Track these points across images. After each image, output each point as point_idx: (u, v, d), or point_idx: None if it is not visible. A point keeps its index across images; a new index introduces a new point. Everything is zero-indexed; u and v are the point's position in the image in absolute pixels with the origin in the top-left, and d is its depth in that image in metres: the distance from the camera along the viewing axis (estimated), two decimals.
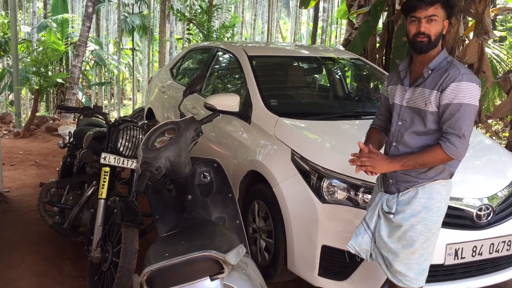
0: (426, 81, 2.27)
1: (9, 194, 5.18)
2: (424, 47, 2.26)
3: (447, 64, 2.26)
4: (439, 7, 2.23)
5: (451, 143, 2.17)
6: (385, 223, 2.37)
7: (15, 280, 3.41)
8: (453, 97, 2.17)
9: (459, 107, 2.16)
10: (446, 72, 2.22)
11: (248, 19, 31.42)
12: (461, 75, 2.18)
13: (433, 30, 2.23)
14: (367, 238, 2.42)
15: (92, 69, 22.51)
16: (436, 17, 2.23)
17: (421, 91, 2.28)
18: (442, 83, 2.20)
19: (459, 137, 2.17)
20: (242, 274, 1.99)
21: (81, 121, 4.52)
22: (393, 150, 2.39)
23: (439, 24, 2.24)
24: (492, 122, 9.20)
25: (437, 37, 2.26)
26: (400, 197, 2.34)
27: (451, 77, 2.19)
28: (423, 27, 2.23)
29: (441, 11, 2.24)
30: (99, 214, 3.18)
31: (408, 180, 2.33)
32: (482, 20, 5.67)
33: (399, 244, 2.32)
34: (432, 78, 2.26)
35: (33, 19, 17.68)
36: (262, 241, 3.42)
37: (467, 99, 2.16)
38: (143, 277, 1.82)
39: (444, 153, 2.18)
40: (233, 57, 4.48)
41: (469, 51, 5.92)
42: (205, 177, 2.67)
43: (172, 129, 2.56)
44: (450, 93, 2.18)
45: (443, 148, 2.17)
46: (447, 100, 2.18)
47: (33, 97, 9.74)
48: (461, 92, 2.16)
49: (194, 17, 11.65)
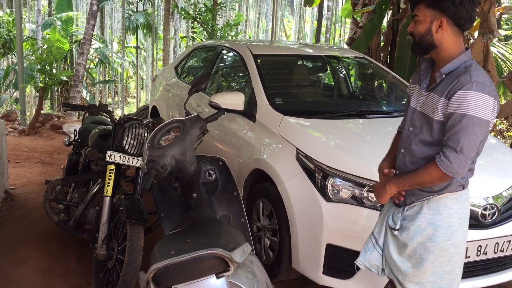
0: (438, 87, 2.07)
1: (14, 192, 5.21)
2: (414, 49, 2.17)
3: (464, 69, 2.02)
4: (422, 7, 2.08)
5: (446, 158, 1.96)
6: (392, 239, 2.23)
7: (21, 277, 3.43)
8: (457, 106, 1.95)
9: (461, 118, 1.94)
10: (457, 78, 2.00)
11: (252, 17, 31.40)
12: (470, 83, 1.94)
13: (416, 29, 2.11)
14: (376, 254, 2.29)
15: (96, 67, 22.56)
16: (417, 17, 2.09)
17: (432, 97, 2.09)
18: (450, 90, 1.99)
19: (455, 151, 1.95)
20: (248, 272, 2.00)
21: (86, 119, 4.54)
22: (400, 157, 2.24)
23: (422, 24, 2.07)
24: (496, 121, 9.18)
25: (422, 38, 2.09)
26: (405, 211, 2.19)
27: (460, 84, 1.97)
28: (410, 26, 2.15)
29: (426, 11, 2.06)
30: (104, 212, 3.19)
31: (413, 193, 2.17)
32: (487, 19, 5.65)
33: (409, 263, 2.17)
34: (444, 83, 2.05)
35: (38, 17, 17.72)
36: (267, 240, 3.43)
37: (472, 110, 1.92)
38: (150, 275, 1.82)
39: (439, 169, 1.98)
40: (238, 55, 4.48)
41: (474, 50, 5.91)
42: (210, 175, 2.68)
43: (177, 128, 2.56)
44: (455, 101, 1.96)
45: (437, 162, 1.98)
46: (451, 109, 1.97)
47: (38, 95, 9.77)
48: (466, 102, 1.93)
49: (198, 15, 11.65)
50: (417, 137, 2.15)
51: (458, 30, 2.06)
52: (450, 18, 2.03)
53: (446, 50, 2.07)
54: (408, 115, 2.25)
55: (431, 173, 2.01)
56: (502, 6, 7.93)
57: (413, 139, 2.17)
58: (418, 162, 2.13)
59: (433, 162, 2.00)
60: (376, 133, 3.63)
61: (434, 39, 2.06)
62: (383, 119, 3.89)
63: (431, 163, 2.02)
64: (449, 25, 2.04)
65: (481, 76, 1.99)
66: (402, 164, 2.22)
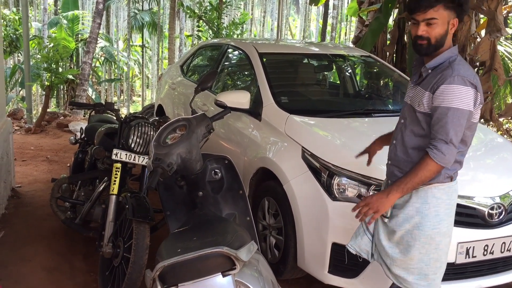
0: (424, 81, 2.20)
1: (21, 190, 5.23)
2: (423, 50, 2.18)
3: (448, 64, 2.15)
4: (440, 8, 2.10)
5: (438, 150, 2.08)
6: (382, 226, 2.32)
7: (27, 274, 3.44)
8: (441, 100, 2.08)
9: (447, 111, 2.06)
10: (441, 72, 2.12)
11: (257, 16, 31.38)
12: (452, 77, 2.07)
13: (433, 33, 2.12)
14: (366, 239, 2.40)
15: (102, 65, 22.60)
16: (436, 20, 2.10)
17: (418, 91, 2.22)
18: (434, 84, 2.12)
19: (446, 142, 2.08)
20: (254, 271, 2.00)
21: (93, 117, 4.55)
22: (392, 148, 2.35)
23: (441, 26, 2.12)
24: (503, 120, 9.13)
25: (439, 40, 2.13)
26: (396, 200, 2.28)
27: (443, 78, 2.09)
28: (421, 30, 2.14)
29: (444, 12, 2.10)
30: (110, 210, 3.20)
31: None
32: (494, 17, 5.62)
33: (396, 248, 2.27)
34: (429, 78, 2.18)
35: (44, 15, 17.77)
36: (272, 238, 3.43)
37: (455, 102, 2.06)
38: (156, 273, 1.83)
39: (433, 161, 2.08)
40: (244, 54, 4.48)
41: (481, 49, 5.89)
42: (216, 173, 2.68)
43: (183, 126, 2.57)
44: (439, 95, 2.09)
45: (431, 156, 2.08)
46: (436, 103, 2.11)
47: (44, 93, 9.80)
48: (450, 95, 2.06)
49: (204, 14, 11.65)
50: (408, 129, 2.26)
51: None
52: (458, 16, 2.14)
53: (446, 47, 2.17)
54: (402, 108, 2.38)
55: (429, 168, 2.10)
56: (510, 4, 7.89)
57: (404, 131, 2.27)
58: (408, 152, 2.25)
59: (427, 157, 2.09)
60: (382, 132, 3.58)
61: (446, 39, 2.14)
62: (389, 118, 3.86)
63: (425, 159, 2.10)
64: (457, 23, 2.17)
65: (462, 70, 2.10)
66: (394, 154, 2.32)
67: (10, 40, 16.79)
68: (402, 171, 2.25)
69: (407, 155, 2.26)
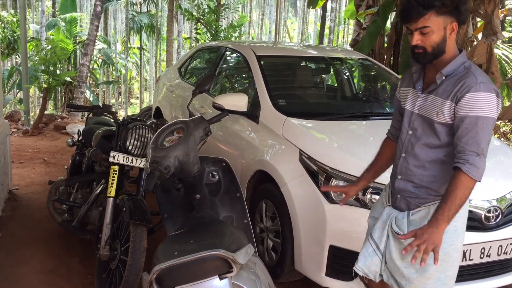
0: (439, 89, 2.05)
1: (18, 192, 5.22)
2: (421, 59, 2.07)
3: (464, 70, 2.02)
4: (432, 15, 1.97)
5: (471, 164, 1.92)
6: (396, 244, 2.16)
7: (24, 276, 3.43)
8: (468, 110, 1.93)
9: (476, 120, 1.92)
10: (461, 80, 1.98)
11: (255, 18, 31.41)
12: (478, 84, 1.93)
13: (428, 41, 2.00)
14: (377, 260, 2.23)
15: (100, 68, 22.60)
16: (429, 28, 1.97)
17: (433, 100, 2.06)
18: (456, 93, 1.97)
19: (478, 155, 1.93)
20: (251, 274, 2.00)
21: (90, 119, 4.54)
22: (402, 162, 2.19)
23: (436, 33, 1.98)
24: (500, 123, 9.15)
25: (436, 48, 2.01)
26: (411, 216, 2.14)
27: (467, 86, 1.94)
28: (415, 40, 2.02)
29: (437, 19, 1.97)
30: (107, 212, 3.19)
31: (418, 197, 2.15)
32: (491, 21, 5.65)
33: (412, 268, 2.11)
34: (446, 85, 2.03)
35: (42, 17, 17.79)
36: (269, 241, 3.43)
37: (484, 111, 1.92)
38: (153, 275, 1.83)
39: (469, 177, 1.91)
40: (241, 56, 4.49)
41: (478, 52, 5.91)
42: (214, 176, 2.68)
43: (181, 129, 2.57)
44: (465, 104, 1.94)
45: (465, 172, 1.91)
46: (462, 113, 1.95)
47: (42, 95, 9.80)
48: (478, 104, 1.92)
49: (202, 17, 11.66)
50: (421, 141, 2.11)
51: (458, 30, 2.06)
52: (458, 20, 2.01)
53: (449, 52, 2.04)
54: (405, 118, 2.21)
55: (466, 186, 1.93)
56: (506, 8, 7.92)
57: (416, 143, 2.13)
58: (425, 166, 2.11)
59: (461, 175, 1.92)
60: (379, 135, 3.58)
61: (446, 45, 2.02)
62: (387, 121, 3.86)
63: (459, 178, 1.93)
64: (456, 27, 2.02)
65: (484, 76, 1.99)
66: (405, 169, 2.18)
67: (7, 42, 16.80)
68: (418, 185, 2.13)
69: (424, 169, 2.12)
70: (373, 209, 2.40)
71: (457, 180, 1.92)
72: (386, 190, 2.35)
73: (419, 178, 2.13)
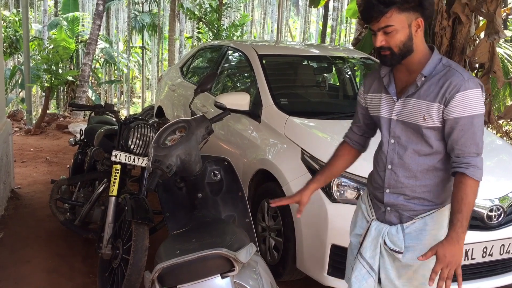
0: (421, 91, 1.89)
1: (20, 191, 5.23)
2: (388, 61, 1.90)
3: (444, 68, 1.88)
4: (394, 13, 1.81)
5: (474, 167, 1.82)
6: (391, 262, 2.00)
7: (26, 275, 3.44)
8: (462, 110, 1.81)
9: (471, 120, 1.81)
10: (446, 79, 1.84)
11: (257, 18, 31.42)
12: (466, 82, 1.81)
13: (392, 41, 1.84)
14: (371, 282, 2.04)
15: (102, 67, 22.63)
16: (393, 26, 1.82)
17: (416, 103, 1.89)
18: (445, 94, 1.82)
19: (478, 155, 1.84)
20: (252, 272, 2.00)
21: (92, 118, 4.56)
22: (389, 174, 1.99)
23: (401, 32, 1.83)
24: (503, 122, 9.14)
25: (403, 47, 1.86)
26: (406, 229, 1.96)
27: (455, 85, 1.81)
28: (379, 41, 1.86)
29: (400, 16, 1.82)
30: (109, 211, 3.20)
31: (412, 209, 1.97)
32: (493, 19, 5.63)
33: (410, 285, 1.99)
34: (427, 87, 1.87)
35: (44, 17, 17.80)
36: (271, 240, 3.43)
37: (477, 109, 1.82)
38: (155, 274, 1.83)
39: (475, 180, 1.81)
40: (243, 55, 4.48)
41: (480, 51, 5.89)
42: (215, 175, 2.68)
43: (183, 128, 2.56)
44: (457, 105, 1.81)
45: (471, 176, 1.81)
46: (455, 114, 1.82)
47: (44, 94, 9.82)
48: (470, 103, 1.80)
49: (203, 16, 11.66)
50: (408, 149, 1.94)
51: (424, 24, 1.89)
52: (423, 15, 1.86)
53: (420, 51, 1.90)
54: (382, 127, 2.01)
55: (474, 190, 1.82)
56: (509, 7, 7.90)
57: (404, 152, 1.95)
58: (416, 176, 1.94)
59: (467, 180, 1.81)
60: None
61: (413, 44, 1.87)
62: None
63: (466, 183, 1.81)
64: (423, 23, 1.87)
65: (466, 72, 1.88)
66: (394, 182, 1.98)
67: (10, 41, 16.83)
68: (410, 197, 1.96)
69: (416, 179, 1.95)
70: (354, 225, 2.19)
71: (465, 186, 1.81)
72: (364, 202, 2.15)
73: (412, 189, 1.96)
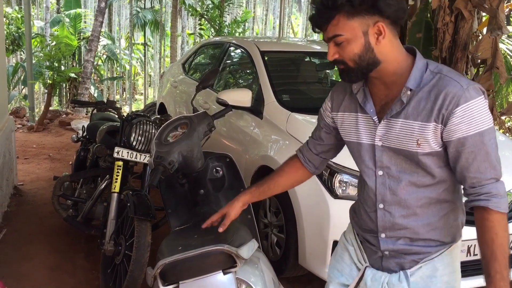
0: (408, 109, 1.49)
1: (23, 187, 5.25)
2: (346, 76, 1.55)
3: (433, 75, 1.47)
4: (341, 20, 1.45)
5: (496, 196, 1.43)
6: None
7: (29, 272, 3.45)
8: (467, 128, 1.41)
9: (481, 138, 1.42)
10: (440, 90, 1.44)
11: (259, 14, 31.35)
12: (466, 91, 1.41)
13: (345, 53, 1.48)
14: None
15: (104, 63, 22.63)
16: (342, 36, 1.46)
17: (404, 125, 1.50)
18: (441, 110, 1.43)
19: (497, 180, 1.46)
20: (255, 269, 2.00)
21: (94, 115, 4.56)
22: (382, 215, 1.60)
23: (354, 42, 1.46)
24: (505, 118, 9.11)
25: (359, 60, 1.47)
26: (411, 277, 1.59)
27: (453, 97, 1.41)
28: (330, 53, 1.52)
29: (351, 23, 1.44)
30: (112, 208, 3.21)
31: (416, 252, 1.59)
32: (496, 15, 5.61)
33: None
34: (416, 103, 1.47)
35: (46, 14, 17.81)
36: (274, 236, 3.44)
37: (486, 123, 1.42)
38: (157, 270, 1.83)
39: (502, 214, 1.43)
40: (245, 52, 4.48)
41: (482, 47, 5.86)
42: (218, 171, 2.68)
43: (185, 124, 2.56)
44: (460, 122, 1.41)
45: (495, 209, 1.42)
46: (459, 134, 1.43)
47: (46, 91, 9.83)
48: (475, 117, 1.41)
49: (205, 12, 11.66)
50: (402, 181, 1.55)
51: (395, 28, 1.50)
52: (386, 18, 1.45)
53: (393, 60, 1.49)
54: (364, 157, 1.64)
55: (504, 225, 1.44)
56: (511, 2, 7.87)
57: (397, 185, 1.56)
58: (417, 213, 1.56)
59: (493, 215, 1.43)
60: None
61: (376, 54, 1.47)
62: None
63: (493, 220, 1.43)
64: (387, 27, 1.46)
65: (464, 77, 1.48)
66: (390, 224, 1.60)
67: (12, 38, 16.84)
68: (413, 239, 1.59)
69: (417, 217, 1.57)
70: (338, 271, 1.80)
71: (492, 223, 1.43)
72: (352, 244, 1.78)
73: (413, 231, 1.58)
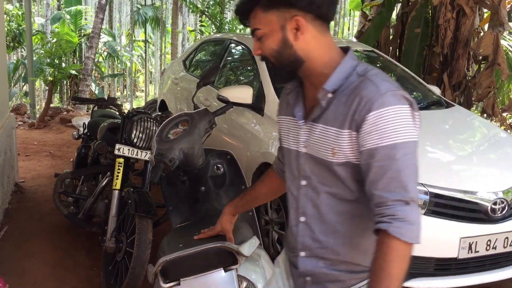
0: (328, 113, 1.32)
1: (24, 184, 5.25)
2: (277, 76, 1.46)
3: (358, 78, 1.30)
4: (259, 12, 1.33)
5: (401, 220, 1.19)
6: None
7: (30, 269, 3.45)
8: (378, 137, 1.22)
9: (393, 152, 1.21)
10: (356, 94, 1.26)
11: None
12: (383, 96, 1.22)
13: (265, 48, 1.36)
14: None
15: (105, 60, 22.62)
16: (260, 30, 1.34)
17: (322, 131, 1.32)
18: (354, 115, 1.25)
19: (407, 202, 1.21)
20: (256, 266, 2.01)
21: (95, 112, 4.56)
22: (303, 230, 1.42)
23: (271, 36, 1.33)
24: (507, 115, 9.10)
25: (278, 56, 1.34)
26: None
27: (366, 101, 1.23)
28: (255, 48, 1.39)
29: (267, 16, 1.32)
30: (113, 205, 3.21)
31: (338, 279, 1.39)
32: (497, 11, 5.60)
33: None
34: (335, 107, 1.30)
35: (47, 10, 17.79)
36: (274, 233, 3.43)
37: (402, 135, 1.21)
38: (158, 267, 1.83)
39: (400, 241, 1.18)
40: (246, 49, 4.47)
41: (484, 43, 5.86)
42: (218, 168, 2.68)
43: (185, 121, 2.56)
44: (371, 130, 1.22)
45: (395, 235, 1.18)
46: (369, 144, 1.23)
47: (47, 88, 9.83)
48: (389, 126, 1.21)
49: (206, 9, 11.65)
50: (321, 193, 1.36)
51: (322, 24, 1.34)
52: (306, 12, 1.30)
53: (319, 58, 1.33)
54: (291, 163, 1.46)
55: (401, 256, 1.19)
56: None
57: (317, 197, 1.37)
58: (336, 229, 1.36)
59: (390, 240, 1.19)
60: None
61: (297, 51, 1.32)
62: None
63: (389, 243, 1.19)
64: (309, 22, 1.31)
65: (389, 82, 1.28)
66: (310, 240, 1.41)
67: (13, 35, 16.82)
68: (334, 262, 1.39)
69: (336, 235, 1.37)
70: None
71: (388, 250, 1.19)
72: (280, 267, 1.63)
73: (333, 250, 1.38)
